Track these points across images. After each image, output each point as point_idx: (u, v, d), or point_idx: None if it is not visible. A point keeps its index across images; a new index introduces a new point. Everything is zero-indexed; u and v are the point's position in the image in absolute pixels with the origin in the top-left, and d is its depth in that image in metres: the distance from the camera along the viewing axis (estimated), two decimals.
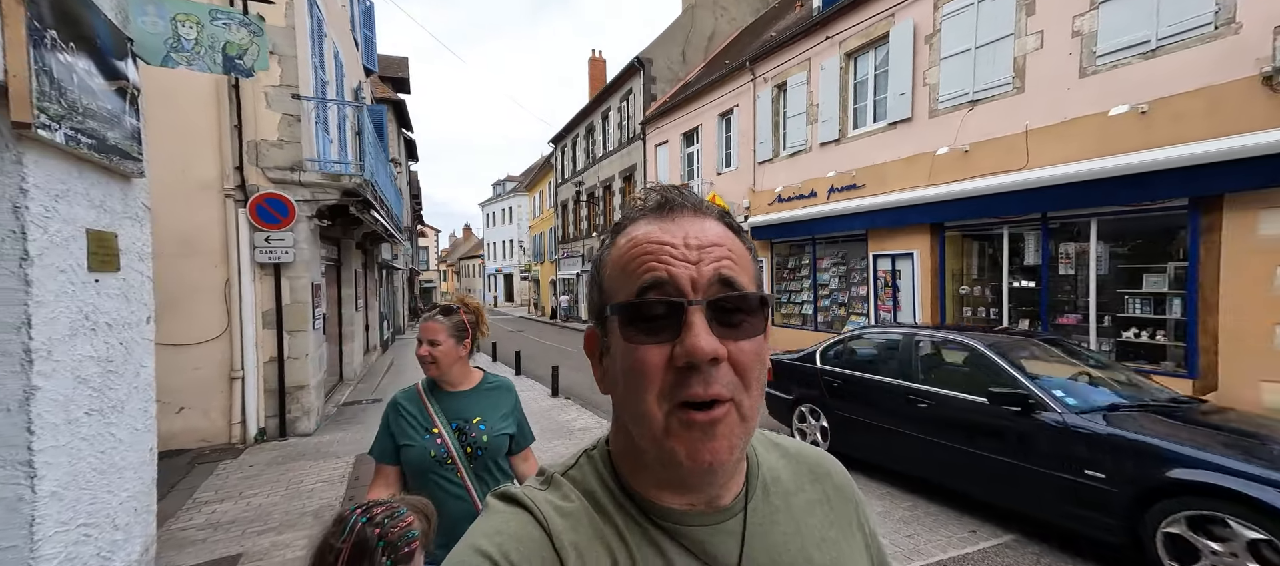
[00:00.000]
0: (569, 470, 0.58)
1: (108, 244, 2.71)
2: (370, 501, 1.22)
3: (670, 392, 0.47)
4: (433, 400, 1.90)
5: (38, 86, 2.11)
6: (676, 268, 0.48)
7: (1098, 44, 7.40)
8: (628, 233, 0.54)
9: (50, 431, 2.22)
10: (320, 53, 7.69)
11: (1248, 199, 6.15)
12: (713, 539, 0.53)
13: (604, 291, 0.54)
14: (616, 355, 0.51)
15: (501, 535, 0.48)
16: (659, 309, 0.48)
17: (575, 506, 0.53)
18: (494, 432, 1.90)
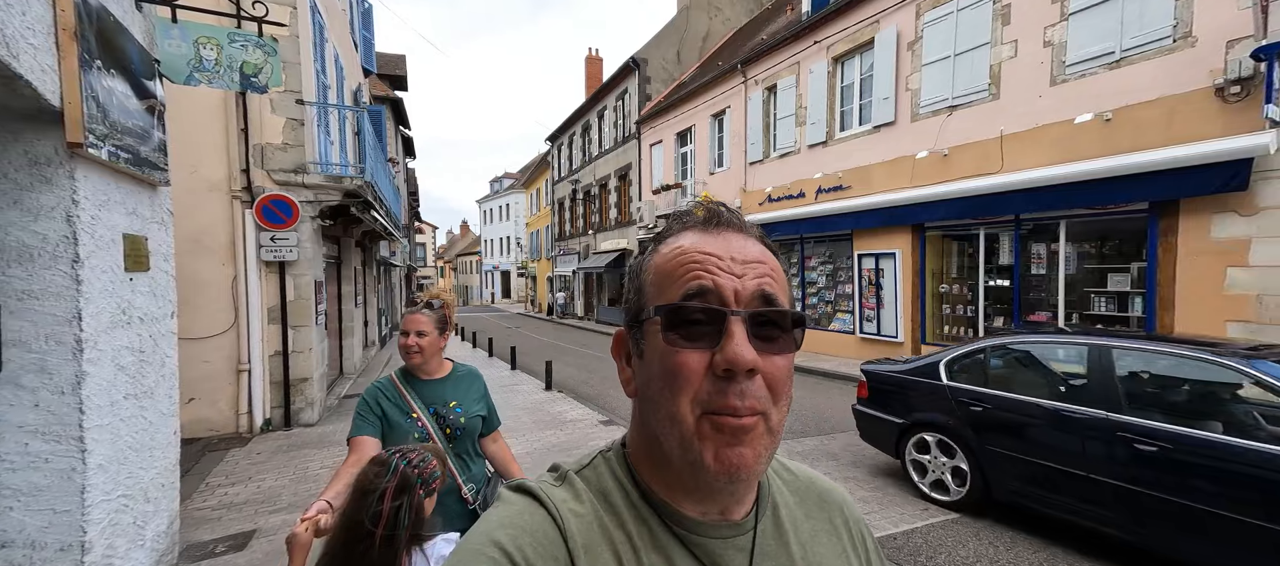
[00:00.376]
0: (583, 468, 0.58)
1: (140, 246, 3.03)
2: (403, 447, 1.50)
3: (705, 399, 0.48)
4: (409, 388, 2.03)
5: (86, 111, 2.42)
6: (722, 278, 0.50)
7: (1067, 54, 7.74)
8: (673, 242, 0.55)
9: (97, 412, 2.54)
10: (322, 58, 7.98)
11: (1201, 204, 6.51)
12: (722, 551, 0.54)
13: (644, 296, 0.55)
14: (653, 357, 0.52)
15: (516, 528, 0.49)
16: (701, 315, 0.49)
17: (587, 506, 0.53)
18: (469, 415, 2.06)
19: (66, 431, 2.42)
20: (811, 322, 12.74)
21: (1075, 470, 3.53)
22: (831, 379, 9.82)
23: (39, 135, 2.36)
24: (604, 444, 0.61)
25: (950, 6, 9.26)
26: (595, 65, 29.24)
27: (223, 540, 3.83)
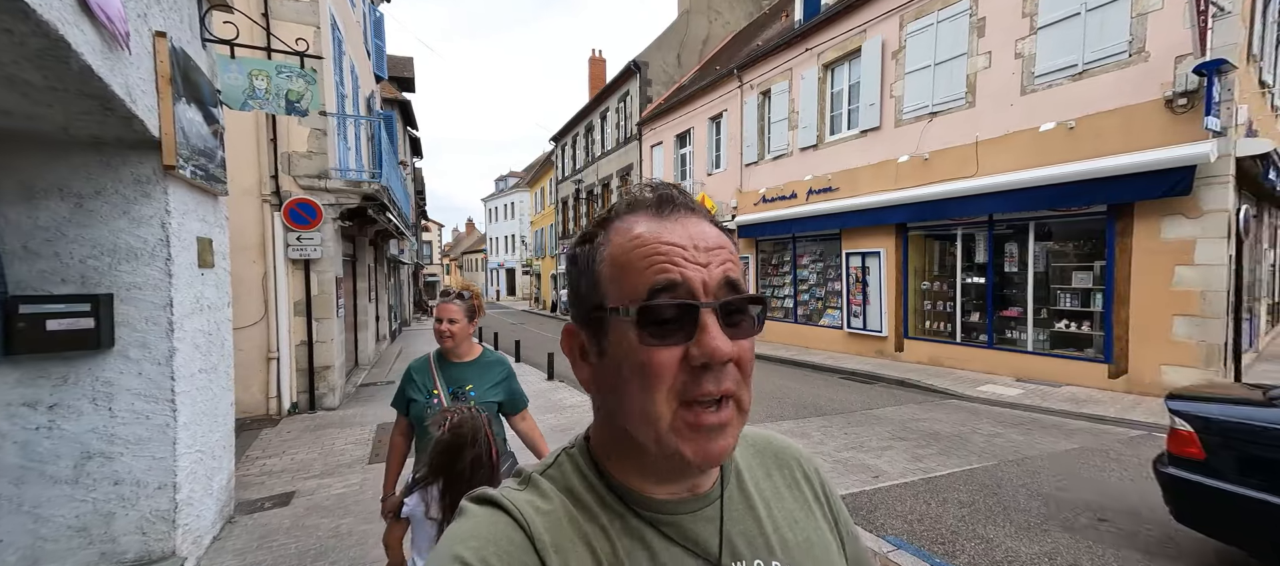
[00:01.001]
0: (547, 469, 0.57)
1: (208, 247, 3.64)
2: (451, 411, 1.88)
3: (681, 391, 0.49)
4: (439, 369, 2.30)
5: (177, 139, 3.03)
6: (689, 270, 0.49)
7: (1036, 65, 8.27)
8: (626, 229, 0.53)
9: (183, 380, 3.16)
10: (340, 71, 8.60)
11: (1153, 207, 7.04)
12: (693, 525, 0.55)
13: (601, 289, 0.52)
14: (621, 355, 0.50)
15: (479, 539, 0.48)
16: (674, 311, 0.48)
17: (554, 505, 0.53)
18: (482, 398, 2.24)
19: (162, 395, 3.03)
20: (801, 318, 13.31)
21: None
22: (820, 370, 10.38)
23: (142, 159, 2.97)
24: (567, 441, 0.61)
25: (931, 18, 9.78)
26: (599, 67, 29.80)
27: (268, 499, 4.45)
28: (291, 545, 3.62)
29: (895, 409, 7.22)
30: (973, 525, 3.77)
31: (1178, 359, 6.89)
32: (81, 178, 2.85)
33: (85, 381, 2.86)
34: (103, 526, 2.90)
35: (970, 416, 6.75)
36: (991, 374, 8.82)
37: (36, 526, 2.77)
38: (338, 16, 8.43)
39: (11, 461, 2.73)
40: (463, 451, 1.75)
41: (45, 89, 2.31)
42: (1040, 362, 8.36)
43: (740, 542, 0.57)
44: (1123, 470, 4.74)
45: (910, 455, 5.28)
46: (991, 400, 7.47)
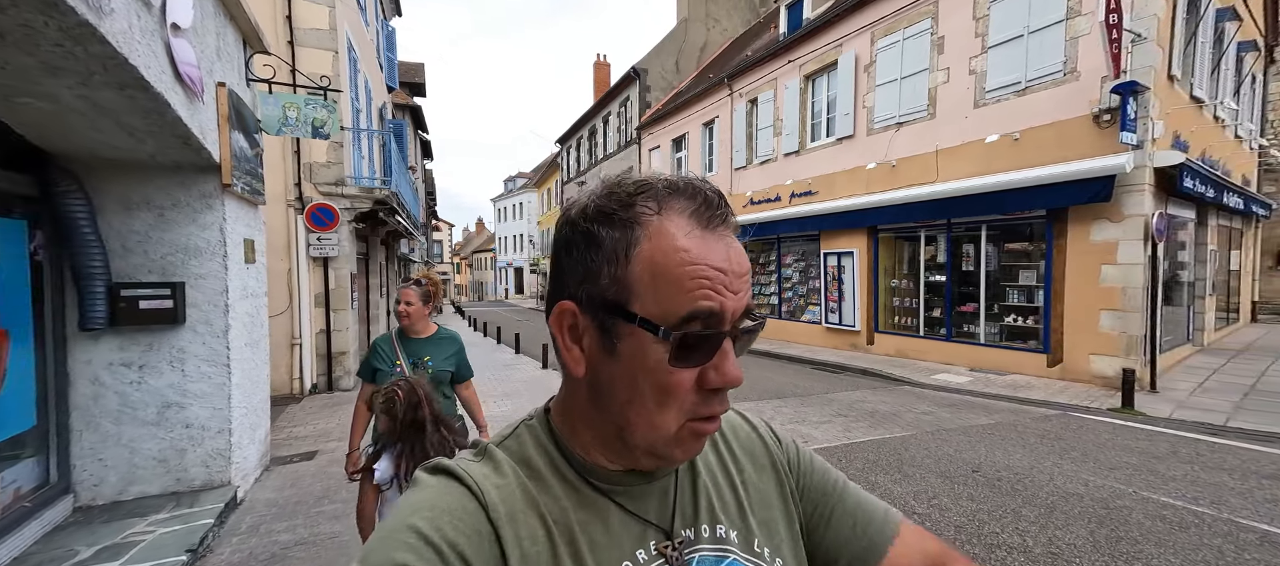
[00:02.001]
0: (505, 440, 0.58)
1: (251, 247, 4.55)
2: (407, 377, 2.21)
3: (690, 410, 0.50)
4: (401, 343, 2.72)
5: (232, 162, 3.94)
6: (728, 300, 0.49)
7: (987, 82, 9.02)
8: (667, 232, 0.49)
9: (235, 350, 4.07)
10: (355, 87, 9.54)
11: (1084, 211, 7.78)
12: (646, 496, 0.57)
13: (626, 289, 0.49)
14: (639, 367, 0.49)
15: (434, 510, 0.48)
16: (704, 337, 0.48)
17: (509, 476, 0.53)
18: (438, 368, 2.70)
19: (220, 360, 3.94)
20: (785, 314, 14.09)
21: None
22: (796, 362, 11.16)
23: (206, 179, 3.87)
24: (527, 413, 0.61)
25: (898, 36, 10.53)
26: (603, 71, 30.70)
27: (296, 455, 5.37)
28: (316, 486, 4.52)
29: (848, 393, 8.02)
30: (867, 474, 4.58)
31: (1104, 349, 7.63)
32: (163, 194, 3.76)
33: (165, 348, 3.78)
34: (177, 459, 3.82)
35: (913, 399, 7.53)
36: (949, 364, 9.57)
37: (131, 456, 3.69)
38: (353, 39, 9.37)
39: (113, 407, 3.65)
40: (419, 407, 2.06)
41: (144, 131, 3.21)
42: (991, 353, 9.11)
43: (690, 510, 0.59)
44: (1020, 440, 5.52)
45: (842, 427, 6.10)
46: (942, 386, 8.24)
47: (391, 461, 2.08)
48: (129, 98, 2.79)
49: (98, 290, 3.45)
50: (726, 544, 0.59)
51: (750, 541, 0.61)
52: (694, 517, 0.59)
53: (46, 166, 3.27)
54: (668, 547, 0.56)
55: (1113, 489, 4.19)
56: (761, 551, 0.61)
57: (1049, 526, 3.60)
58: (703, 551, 0.58)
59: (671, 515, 0.58)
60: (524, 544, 0.49)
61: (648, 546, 0.55)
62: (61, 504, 3.45)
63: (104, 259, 3.51)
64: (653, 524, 0.56)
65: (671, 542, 0.56)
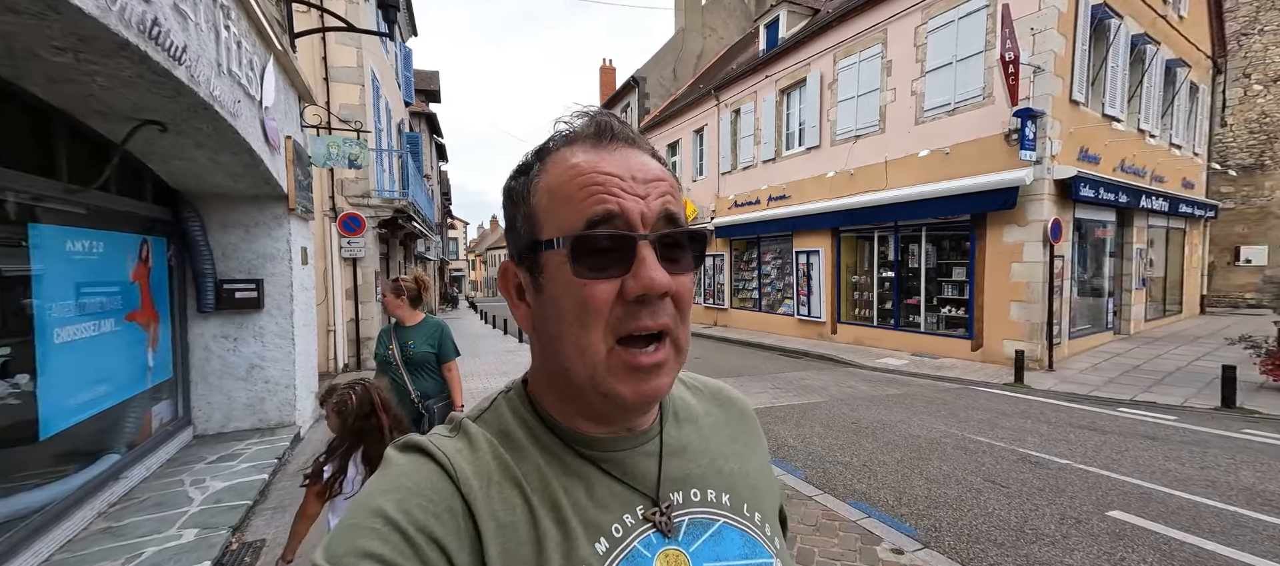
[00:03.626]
0: (483, 413, 0.57)
1: (305, 253, 6.07)
2: (365, 381, 2.25)
3: (616, 325, 0.48)
4: (394, 332, 3.23)
5: (294, 191, 5.44)
6: (627, 201, 0.48)
7: (925, 102, 10.27)
8: (562, 160, 0.51)
9: (297, 328, 5.58)
10: (377, 111, 11.08)
11: (998, 217, 9.03)
12: (632, 460, 0.56)
13: (537, 223, 0.51)
14: (557, 290, 0.49)
15: (402, 491, 0.47)
16: (610, 242, 0.47)
17: (483, 449, 0.52)
18: (418, 349, 3.16)
19: (287, 335, 5.46)
20: (765, 307, 15.43)
21: None
22: (766, 349, 12.51)
23: (277, 205, 5.38)
24: (504, 387, 0.60)
25: (856, 57, 11.79)
26: (609, 75, 32.04)
27: None
28: None
29: (797, 373, 9.37)
30: (770, 425, 5.97)
31: (1012, 335, 8.89)
32: (249, 217, 5.28)
33: (251, 326, 5.30)
34: (259, 404, 5.35)
35: (849, 378, 8.86)
36: (896, 350, 10.86)
37: (229, 402, 5.23)
38: (376, 70, 10.90)
39: (217, 367, 5.19)
40: (371, 414, 2.07)
41: (241, 175, 4.71)
42: (929, 340, 10.39)
43: (677, 474, 0.57)
44: (911, 406, 6.84)
45: (772, 397, 7.48)
46: (882, 368, 9.55)
47: (337, 464, 2.05)
48: (238, 157, 4.29)
49: (208, 284, 4.96)
50: (717, 507, 0.58)
51: (740, 506, 0.60)
52: (683, 480, 0.58)
53: (177, 200, 4.79)
54: (655, 513, 0.54)
55: (946, 433, 5.54)
56: (752, 516, 0.60)
57: (877, 453, 4.98)
58: (693, 514, 0.56)
59: (659, 479, 0.56)
60: (499, 515, 0.48)
61: (635, 511, 0.53)
62: (185, 432, 4.99)
63: (212, 263, 5.02)
64: (639, 490, 0.55)
65: (659, 508, 0.54)
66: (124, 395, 4.04)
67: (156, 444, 4.53)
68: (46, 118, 3.23)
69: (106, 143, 3.63)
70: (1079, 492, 4.02)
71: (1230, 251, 16.17)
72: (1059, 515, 3.64)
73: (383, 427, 2.05)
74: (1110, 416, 6.13)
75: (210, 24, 3.28)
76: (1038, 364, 8.52)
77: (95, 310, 3.70)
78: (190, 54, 2.95)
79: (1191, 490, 4.06)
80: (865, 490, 4.22)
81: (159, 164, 4.29)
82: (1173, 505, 3.81)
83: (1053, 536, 3.36)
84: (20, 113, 3.05)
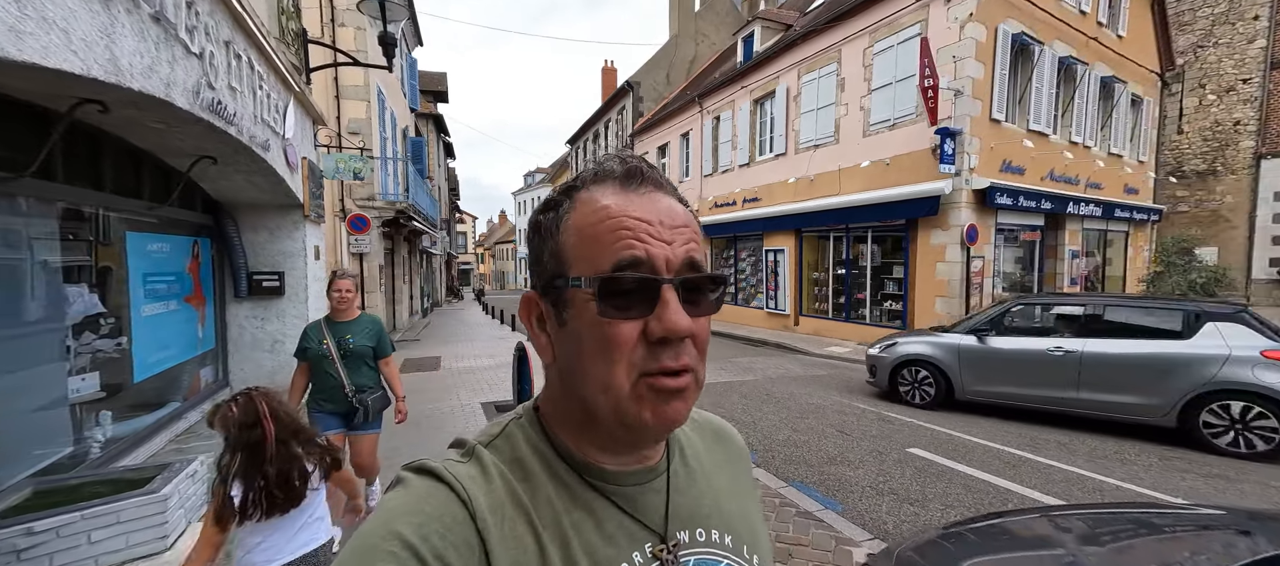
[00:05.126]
0: (494, 440, 0.57)
1: (318, 250, 7.40)
2: (250, 390, 1.98)
3: (639, 364, 0.50)
4: (328, 327, 3.23)
5: (309, 201, 6.76)
6: (654, 247, 0.50)
7: (871, 117, 11.40)
8: (592, 201, 0.53)
9: (311, 312, 6.90)
10: (383, 121, 12.41)
11: (927, 222, 10.17)
12: (641, 496, 0.57)
13: (562, 259, 0.53)
14: (581, 327, 0.51)
15: (421, 516, 0.47)
16: (635, 285, 0.49)
17: (496, 480, 0.53)
18: (358, 343, 3.21)
19: (303, 317, 6.77)
20: (741, 301, 16.62)
21: None
22: (735, 339, 13.72)
23: (295, 212, 6.70)
24: (514, 413, 0.61)
25: (816, 73, 12.92)
26: (610, 76, 33.26)
27: None
28: None
29: (749, 359, 10.58)
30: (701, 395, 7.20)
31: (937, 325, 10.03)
32: (273, 222, 6.60)
33: (274, 309, 6.63)
34: (280, 371, 6.67)
35: (791, 363, 10.06)
36: (845, 340, 12.03)
37: (257, 368, 6.58)
38: (382, 86, 12.23)
39: (248, 341, 6.53)
40: (255, 426, 1.86)
41: (268, 190, 6.02)
42: (873, 331, 11.53)
43: (684, 513, 0.59)
44: (826, 384, 8.03)
45: (714, 376, 8.69)
46: (827, 355, 10.73)
47: (237, 485, 1.83)
48: (266, 178, 5.59)
49: (242, 276, 6.29)
50: (721, 548, 0.60)
51: (741, 547, 0.61)
52: (689, 519, 0.59)
53: (219, 210, 6.12)
54: (663, 550, 0.55)
55: (837, 401, 6.74)
56: (751, 558, 0.62)
57: (770, 414, 6.21)
58: (699, 554, 0.58)
59: (666, 516, 0.57)
60: (512, 553, 0.49)
61: (643, 548, 0.55)
62: (225, 391, 6.34)
63: (245, 258, 6.35)
64: (648, 526, 0.56)
65: (666, 545, 0.56)
66: (182, 358, 5.38)
67: (203, 397, 5.87)
68: (136, 156, 4.55)
69: (172, 170, 4.95)
70: (902, 439, 5.24)
71: (1185, 252, 17.11)
72: (870, 450, 4.87)
73: (267, 438, 1.85)
74: None
75: (250, 89, 4.57)
76: None
77: (164, 294, 5.03)
78: (238, 115, 4.24)
79: (988, 438, 5.26)
80: None
81: (208, 184, 5.61)
82: (962, 446, 5.03)
83: (853, 461, 4.60)
84: (121, 154, 4.37)
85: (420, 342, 13.00)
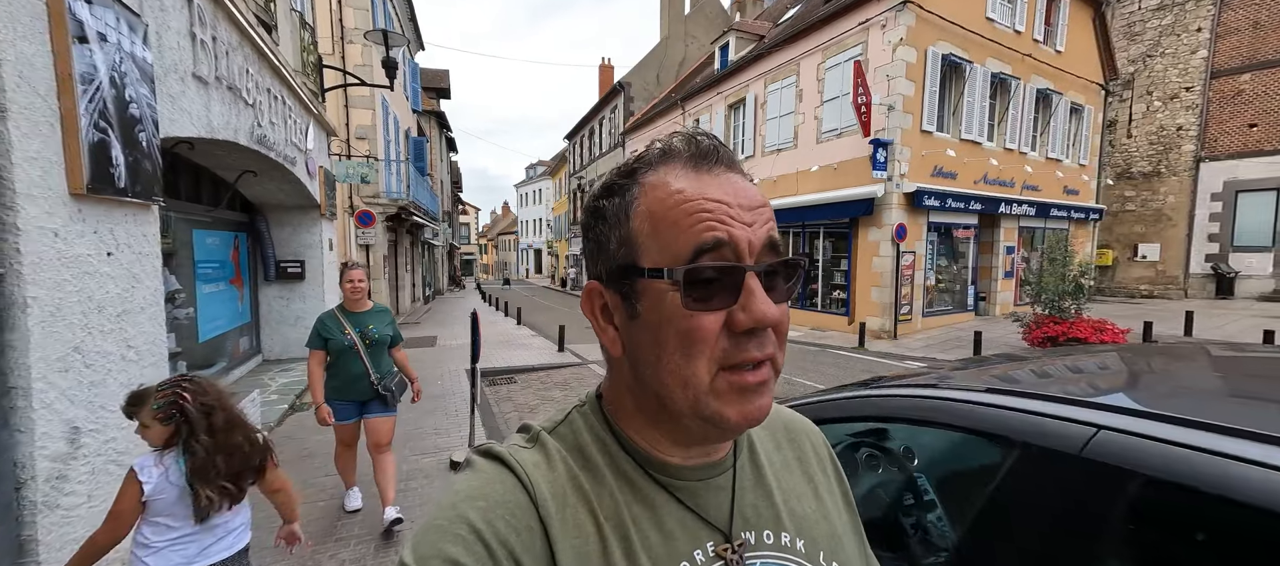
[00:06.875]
0: (558, 426, 0.56)
1: (331, 243, 8.82)
2: (191, 376, 1.82)
3: (722, 357, 0.47)
4: (346, 316, 3.34)
5: (325, 202, 8.18)
6: (737, 229, 0.47)
7: (822, 126, 12.71)
8: (663, 184, 0.49)
9: (327, 294, 8.34)
10: (387, 125, 13.80)
11: (865, 221, 11.51)
12: (705, 493, 0.54)
13: (633, 247, 0.49)
14: (659, 318, 0.48)
15: (486, 500, 0.47)
16: (718, 274, 0.46)
17: (559, 467, 0.52)
18: (380, 333, 3.36)
19: (320, 298, 8.21)
20: None
21: None
22: None
23: (313, 211, 8.12)
24: (578, 398, 0.60)
25: (779, 84, 14.21)
26: (607, 73, 34.46)
27: None
28: None
29: None
30: None
31: (872, 313, 11.41)
32: (295, 219, 8.01)
33: (297, 290, 8.07)
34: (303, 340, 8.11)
35: None
36: (800, 326, 13.39)
37: (284, 340, 8.03)
38: (386, 95, 13.61)
39: (276, 317, 7.98)
40: (216, 411, 1.75)
41: (292, 194, 7.44)
42: (822, 317, 12.93)
43: (751, 512, 0.56)
44: None
45: None
46: None
47: (161, 463, 1.66)
48: (292, 185, 6.99)
49: (271, 263, 7.71)
50: (790, 553, 0.56)
51: (816, 554, 0.58)
52: (757, 520, 0.56)
53: (253, 210, 7.54)
54: (727, 550, 0.53)
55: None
56: (828, 565, 0.58)
57: None
58: (765, 558, 0.55)
59: (731, 515, 0.55)
60: (573, 541, 0.48)
61: (705, 547, 0.52)
62: (257, 358, 7.78)
63: (273, 249, 7.77)
64: (711, 524, 0.54)
65: (731, 544, 0.53)
66: (228, 327, 6.83)
67: (242, 361, 7.32)
68: (196, 171, 5.96)
69: (221, 181, 6.37)
70: None
71: (1130, 248, 18.36)
72: None
73: (235, 423, 1.79)
74: (892, 365, 8.66)
75: (283, 120, 5.97)
76: (887, 335, 11.04)
77: (216, 276, 6.47)
78: (275, 141, 5.64)
79: None
80: None
81: (246, 190, 7.03)
82: None
83: None
84: (189, 172, 5.79)
85: (420, 325, 14.46)
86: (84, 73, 2.38)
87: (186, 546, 1.71)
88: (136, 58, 2.82)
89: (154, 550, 1.67)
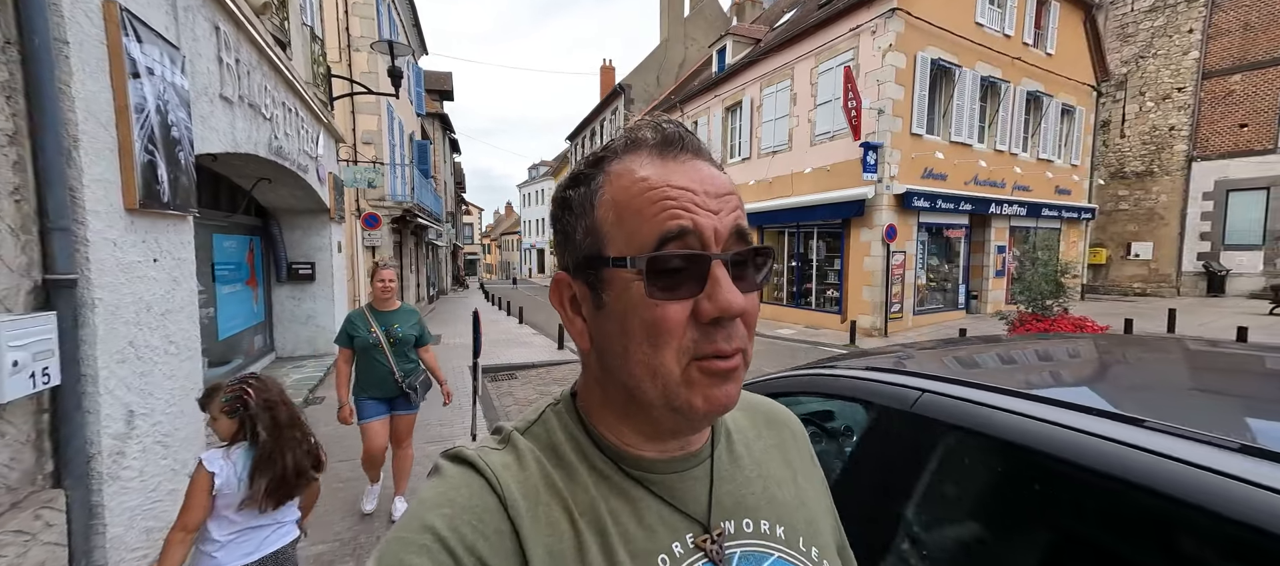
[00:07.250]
0: (531, 426, 0.56)
1: (340, 245, 9.20)
2: (249, 374, 1.95)
3: (690, 348, 0.47)
4: (373, 315, 3.40)
5: (334, 206, 8.55)
6: (701, 217, 0.46)
7: (816, 129, 13.02)
8: (628, 172, 0.49)
9: (336, 294, 8.73)
10: (392, 130, 14.18)
11: (857, 221, 11.83)
12: (682, 484, 0.54)
13: (598, 237, 0.49)
14: (623, 309, 0.48)
15: (452, 506, 0.47)
16: (684, 262, 0.46)
17: (531, 467, 0.52)
18: (406, 332, 3.41)
19: (330, 297, 8.60)
20: None
21: None
22: None
23: (323, 215, 8.49)
24: (551, 398, 0.59)
25: (774, 88, 14.53)
26: (609, 74, 34.79)
27: None
28: None
29: None
30: None
31: (863, 311, 11.72)
32: (306, 222, 8.39)
33: (308, 291, 8.45)
34: (313, 339, 8.50)
35: None
36: (794, 324, 13.73)
37: (295, 338, 8.41)
38: (391, 101, 13.98)
39: (288, 316, 8.36)
40: (277, 407, 1.87)
41: (303, 199, 7.81)
42: (815, 315, 13.25)
43: (729, 502, 0.56)
44: (760, 357, 9.74)
45: None
46: (774, 337, 12.42)
47: (229, 459, 1.79)
48: (304, 190, 7.36)
49: (283, 265, 8.09)
50: (770, 539, 0.56)
51: (795, 539, 0.58)
52: (735, 509, 0.56)
53: (266, 214, 7.92)
54: (706, 541, 0.52)
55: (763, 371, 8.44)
56: (808, 550, 0.58)
57: None
58: (745, 546, 0.55)
59: (709, 506, 0.55)
60: (547, 540, 0.47)
61: (684, 539, 0.52)
62: (271, 355, 8.17)
63: (285, 251, 8.15)
64: (689, 515, 0.53)
65: (711, 535, 0.53)
66: (244, 326, 7.21)
67: (257, 358, 7.70)
68: (216, 179, 6.34)
69: (238, 188, 6.74)
70: None
71: (1124, 247, 18.61)
72: None
73: (295, 420, 1.90)
74: None
75: (296, 131, 6.34)
76: (878, 332, 11.36)
77: (232, 278, 6.85)
78: (290, 152, 6.01)
79: None
80: None
81: (261, 196, 7.41)
82: None
83: None
84: (209, 180, 6.16)
85: None
86: (136, 103, 2.74)
87: (249, 539, 1.83)
88: (176, 85, 3.18)
89: (220, 544, 1.78)
